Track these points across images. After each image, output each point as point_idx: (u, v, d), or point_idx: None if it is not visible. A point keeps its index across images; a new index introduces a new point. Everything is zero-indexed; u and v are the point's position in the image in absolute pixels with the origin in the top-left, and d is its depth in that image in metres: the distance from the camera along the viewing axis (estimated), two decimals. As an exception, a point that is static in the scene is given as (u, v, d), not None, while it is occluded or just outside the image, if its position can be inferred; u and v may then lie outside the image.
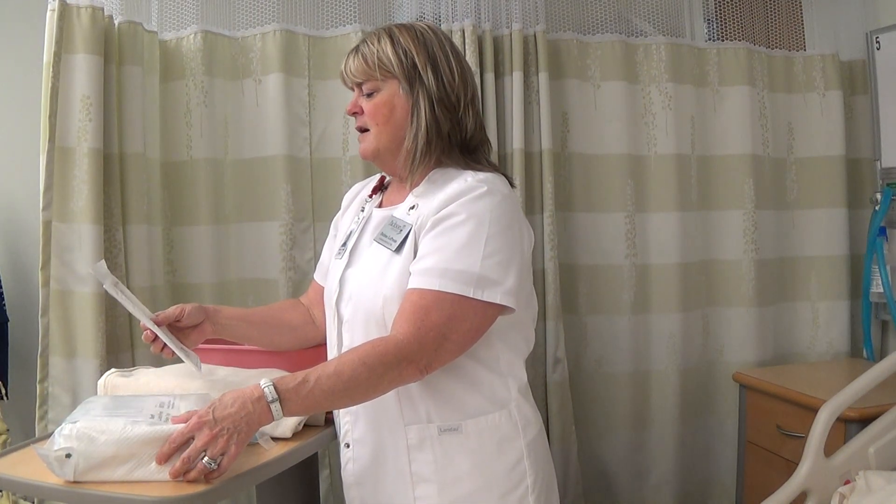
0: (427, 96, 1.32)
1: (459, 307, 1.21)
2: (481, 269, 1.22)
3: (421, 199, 1.32)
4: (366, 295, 1.31)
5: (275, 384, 1.15)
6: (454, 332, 1.22)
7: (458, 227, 1.24)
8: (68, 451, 1.12)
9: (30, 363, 1.93)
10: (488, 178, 1.29)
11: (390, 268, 1.29)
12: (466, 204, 1.25)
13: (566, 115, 2.31)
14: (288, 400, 1.15)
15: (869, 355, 2.40)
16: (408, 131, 1.33)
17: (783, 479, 1.72)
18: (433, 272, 1.22)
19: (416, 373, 1.22)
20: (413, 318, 1.21)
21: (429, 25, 1.39)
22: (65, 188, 1.86)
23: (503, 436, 1.32)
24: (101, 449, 1.12)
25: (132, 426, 1.14)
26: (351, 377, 1.17)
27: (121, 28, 1.97)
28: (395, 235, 1.30)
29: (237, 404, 1.13)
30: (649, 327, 2.35)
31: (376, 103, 1.34)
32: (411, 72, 1.32)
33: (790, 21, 2.53)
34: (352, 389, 1.19)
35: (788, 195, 2.48)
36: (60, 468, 1.12)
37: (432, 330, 1.20)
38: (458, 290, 1.21)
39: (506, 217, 1.27)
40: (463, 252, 1.22)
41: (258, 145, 2.15)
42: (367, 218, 1.43)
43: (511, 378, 1.34)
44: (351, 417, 1.37)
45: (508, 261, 1.25)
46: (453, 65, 1.35)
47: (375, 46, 1.33)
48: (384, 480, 1.34)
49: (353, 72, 1.35)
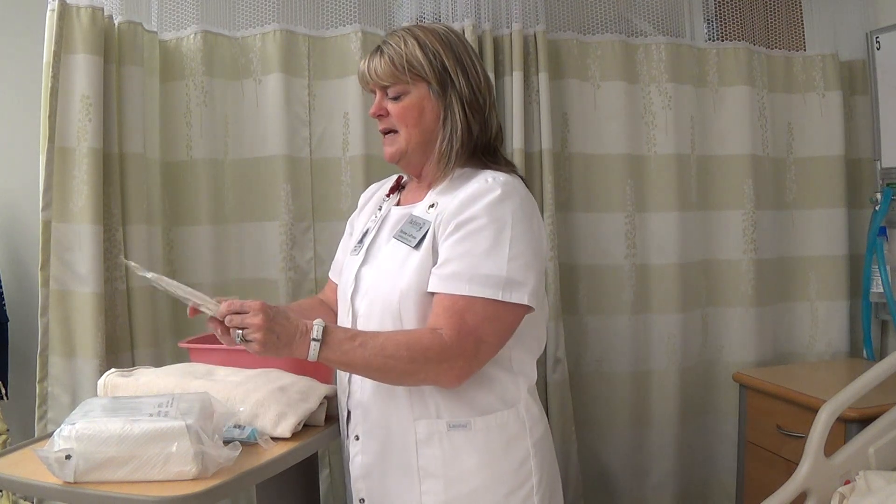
0: (459, 99, 1.33)
1: (493, 310, 1.23)
2: (508, 271, 1.23)
3: (440, 197, 1.33)
4: (383, 289, 1.32)
5: (326, 326, 1.20)
6: (489, 335, 1.24)
7: (481, 231, 1.25)
8: (68, 453, 1.12)
9: (30, 363, 1.93)
10: (507, 180, 1.30)
11: (408, 263, 1.29)
12: (488, 207, 1.26)
13: (566, 115, 2.31)
14: (329, 345, 1.20)
15: (869, 355, 2.40)
16: (440, 134, 1.34)
17: (783, 479, 1.72)
18: (461, 277, 1.23)
19: (454, 378, 1.24)
20: (451, 323, 1.22)
21: (447, 27, 1.40)
22: (65, 188, 1.86)
23: (511, 434, 1.32)
24: (100, 450, 1.12)
25: (131, 425, 1.14)
26: (392, 355, 1.20)
27: (121, 28, 1.96)
28: (415, 232, 1.31)
29: (291, 326, 1.19)
30: (649, 327, 2.35)
31: (406, 106, 1.34)
32: (442, 74, 1.33)
33: (790, 21, 2.53)
34: (387, 368, 1.22)
35: (788, 195, 2.48)
36: (60, 469, 1.12)
37: (470, 335, 1.22)
38: (488, 294, 1.22)
39: (526, 219, 1.28)
40: (489, 256, 1.23)
41: (258, 145, 2.15)
42: (384, 216, 1.43)
43: (522, 377, 1.35)
44: (361, 410, 1.37)
45: (532, 262, 1.27)
46: (478, 66, 1.37)
47: (403, 49, 1.33)
48: (391, 474, 1.34)
49: (380, 74, 1.34)
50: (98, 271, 1.85)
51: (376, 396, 1.34)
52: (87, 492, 1.13)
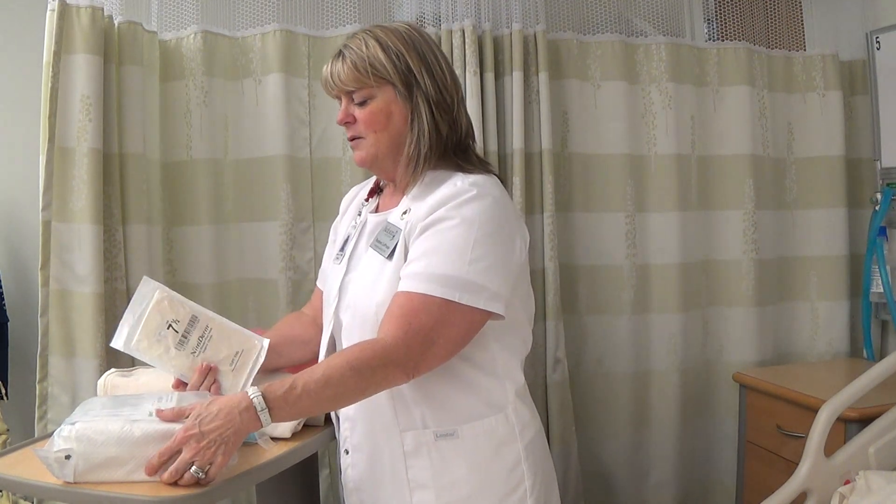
0: (426, 100, 1.30)
1: (446, 311, 1.20)
2: (468, 273, 1.21)
3: (413, 203, 1.31)
4: (363, 302, 1.30)
5: (263, 393, 1.14)
6: (441, 337, 1.21)
7: (446, 232, 1.23)
8: (67, 453, 1.12)
9: (30, 363, 1.92)
10: (479, 181, 1.28)
11: (382, 275, 1.28)
12: (456, 207, 1.24)
13: (566, 115, 2.31)
14: (277, 408, 1.14)
15: (869, 355, 2.40)
16: (408, 137, 1.31)
17: (783, 479, 1.72)
18: (421, 276, 1.22)
19: (403, 376, 1.21)
20: (400, 322, 1.20)
21: (409, 24, 1.36)
22: (64, 188, 1.86)
23: (500, 439, 1.31)
24: (100, 450, 1.12)
25: (131, 426, 1.14)
26: (339, 382, 1.17)
27: (121, 28, 1.96)
28: (388, 242, 1.30)
29: (223, 415, 1.12)
30: (649, 327, 2.35)
31: (372, 111, 1.30)
32: (407, 76, 1.29)
33: (790, 21, 2.53)
34: (340, 395, 1.19)
35: (788, 195, 2.48)
36: (60, 470, 1.12)
37: (419, 334, 1.19)
38: (444, 295, 1.20)
39: (495, 220, 1.25)
40: (451, 256, 1.21)
41: (258, 145, 2.15)
42: (363, 223, 1.42)
43: (508, 381, 1.34)
44: (349, 423, 1.37)
45: (495, 265, 1.24)
46: (443, 65, 1.34)
47: (364, 52, 1.29)
48: (382, 487, 1.34)
49: (344, 80, 1.30)
50: (98, 271, 1.85)
51: (361, 409, 1.33)
52: (87, 492, 1.12)
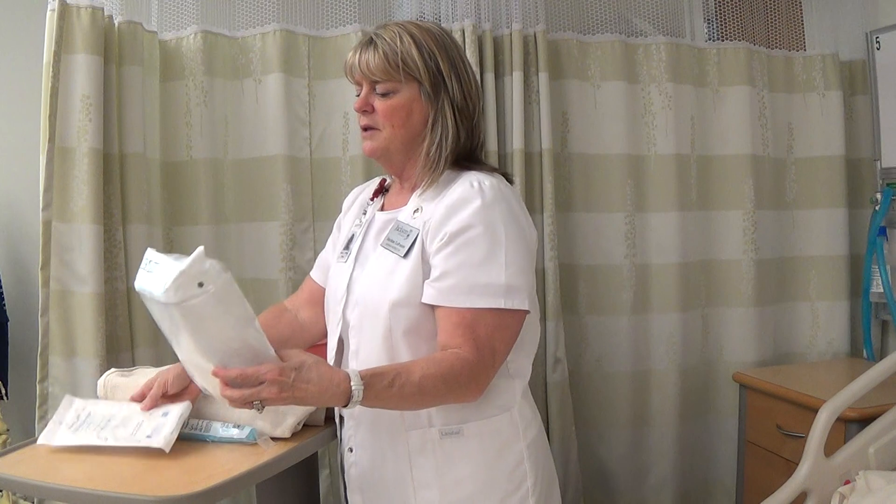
0: (451, 104, 1.30)
1: (499, 319, 1.22)
2: (507, 278, 1.22)
3: (425, 202, 1.30)
4: (373, 301, 1.29)
5: (364, 385, 1.12)
6: (500, 344, 1.24)
7: (475, 241, 1.23)
8: (202, 280, 1.11)
9: (30, 363, 1.92)
10: (493, 184, 1.28)
11: (397, 273, 1.27)
12: (478, 215, 1.24)
13: (566, 115, 2.31)
14: (368, 399, 1.14)
15: (869, 355, 2.40)
16: (427, 137, 1.31)
17: (783, 479, 1.72)
18: (461, 289, 1.22)
19: (478, 393, 1.24)
20: (465, 338, 1.20)
21: (441, 27, 1.37)
22: (65, 188, 1.86)
23: (504, 439, 1.32)
24: (233, 299, 1.10)
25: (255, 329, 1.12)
26: (430, 392, 1.18)
27: (121, 28, 1.96)
28: (403, 241, 1.29)
29: (316, 384, 1.10)
30: (649, 327, 2.35)
31: (393, 105, 1.29)
32: (436, 77, 1.29)
33: (790, 21, 2.53)
34: (424, 403, 1.23)
35: (788, 195, 2.48)
36: (184, 291, 1.10)
37: (485, 347, 1.21)
38: (492, 304, 1.22)
39: (516, 221, 1.27)
40: (486, 265, 1.22)
41: (258, 145, 2.15)
42: (369, 221, 1.42)
43: (518, 379, 1.34)
44: (353, 422, 1.36)
45: (524, 266, 1.26)
46: (470, 72, 1.35)
47: (398, 46, 1.28)
48: (386, 485, 1.34)
49: (373, 69, 1.28)
50: (98, 271, 1.85)
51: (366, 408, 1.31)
52: (88, 492, 1.13)
